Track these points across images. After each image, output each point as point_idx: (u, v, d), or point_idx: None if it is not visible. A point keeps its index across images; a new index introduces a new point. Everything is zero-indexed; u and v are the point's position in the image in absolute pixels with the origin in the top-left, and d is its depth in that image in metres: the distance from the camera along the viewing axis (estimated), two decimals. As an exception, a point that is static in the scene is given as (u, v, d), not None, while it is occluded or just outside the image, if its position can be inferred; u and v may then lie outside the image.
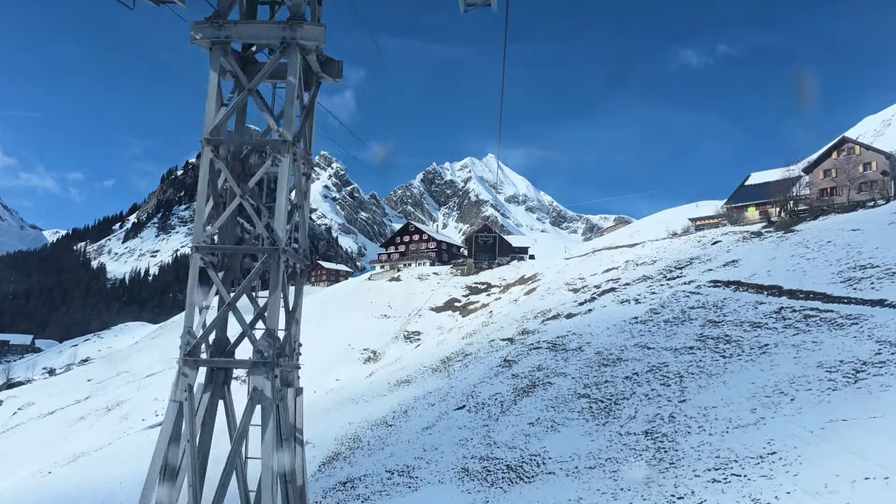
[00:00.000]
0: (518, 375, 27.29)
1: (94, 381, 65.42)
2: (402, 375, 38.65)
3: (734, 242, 33.94)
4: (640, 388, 20.83)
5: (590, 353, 25.93)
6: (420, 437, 25.33)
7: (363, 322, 57.14)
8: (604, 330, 28.10)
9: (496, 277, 64.76)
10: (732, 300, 24.03)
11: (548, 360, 27.48)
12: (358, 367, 47.85)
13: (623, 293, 32.92)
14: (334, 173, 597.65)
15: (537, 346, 30.02)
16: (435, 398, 30.42)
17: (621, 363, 23.29)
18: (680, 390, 19.41)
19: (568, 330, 30.44)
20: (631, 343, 24.76)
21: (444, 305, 58.12)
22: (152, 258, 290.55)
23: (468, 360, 34.75)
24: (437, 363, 37.17)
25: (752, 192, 45.91)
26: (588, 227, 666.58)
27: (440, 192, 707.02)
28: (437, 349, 42.80)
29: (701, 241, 37.27)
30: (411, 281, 67.95)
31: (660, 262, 36.20)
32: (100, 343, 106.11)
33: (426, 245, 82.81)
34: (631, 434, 18.19)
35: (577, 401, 22.12)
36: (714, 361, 20.12)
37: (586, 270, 43.21)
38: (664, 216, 61.04)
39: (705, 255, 33.36)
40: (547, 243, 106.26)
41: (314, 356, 52.21)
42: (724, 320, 22.45)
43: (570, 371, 24.98)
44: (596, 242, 61.79)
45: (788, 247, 28.51)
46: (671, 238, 43.31)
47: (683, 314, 24.98)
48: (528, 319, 37.13)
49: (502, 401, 25.31)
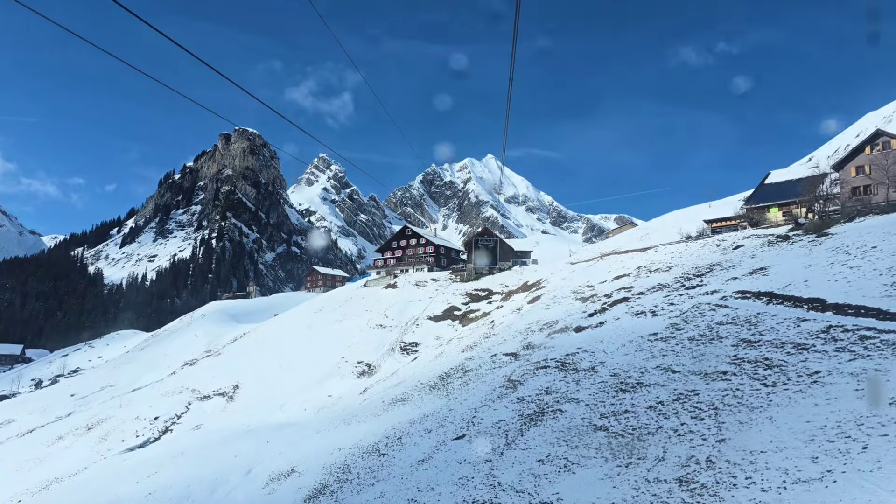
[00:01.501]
0: (524, 399, 24.49)
1: (77, 395, 62.63)
2: (398, 393, 36.09)
3: (759, 247, 31.04)
4: (668, 422, 17.96)
5: (604, 374, 23.12)
6: (415, 473, 22.45)
7: (358, 332, 54.34)
8: (619, 347, 25.30)
9: (497, 284, 61.93)
10: (768, 315, 21.14)
11: (557, 382, 24.70)
12: (352, 382, 45.05)
13: (637, 304, 30.10)
14: (333, 175, 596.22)
15: (544, 365, 27.23)
16: (432, 423, 27.68)
17: (642, 389, 20.46)
18: (716, 426, 16.54)
19: (578, 346, 27.66)
20: (652, 364, 21.91)
21: (442, 314, 55.26)
22: (150, 263, 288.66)
23: (468, 377, 32.09)
24: (435, 380, 34.61)
25: (773, 191, 42.92)
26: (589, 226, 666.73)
27: (440, 194, 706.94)
28: (435, 363, 40.13)
29: (721, 246, 34.36)
30: (408, 288, 65.12)
31: (676, 269, 33.32)
32: (91, 353, 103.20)
33: (424, 249, 79.90)
34: (661, 481, 15.32)
35: (594, 434, 19.24)
36: (755, 391, 17.27)
37: (594, 277, 40.36)
38: (675, 217, 58.16)
39: (727, 262, 30.47)
40: (549, 246, 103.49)
41: (306, 369, 49.51)
42: (762, 340, 19.57)
43: (582, 396, 22.15)
44: (603, 246, 58.89)
45: (824, 253, 25.61)
46: (686, 242, 40.30)
47: (711, 331, 22.12)
48: (533, 332, 34.37)
49: (507, 430, 22.43)
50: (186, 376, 56.02)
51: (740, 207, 46.42)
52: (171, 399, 48.73)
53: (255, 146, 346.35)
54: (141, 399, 50.91)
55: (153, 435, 42.24)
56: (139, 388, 58.10)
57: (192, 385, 51.50)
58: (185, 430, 42.22)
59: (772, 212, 41.72)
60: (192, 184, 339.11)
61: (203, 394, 49.02)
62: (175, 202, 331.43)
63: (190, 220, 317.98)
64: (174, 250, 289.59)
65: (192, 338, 76.57)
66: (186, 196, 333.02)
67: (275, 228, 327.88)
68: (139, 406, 48.54)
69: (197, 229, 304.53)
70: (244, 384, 49.15)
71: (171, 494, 30.16)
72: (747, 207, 44.33)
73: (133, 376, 65.06)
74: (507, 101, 11.90)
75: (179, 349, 72.67)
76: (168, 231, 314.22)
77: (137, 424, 44.61)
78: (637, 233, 59.74)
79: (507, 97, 11.25)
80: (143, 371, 66.88)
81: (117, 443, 42.27)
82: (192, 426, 42.85)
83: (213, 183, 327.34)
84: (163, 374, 61.71)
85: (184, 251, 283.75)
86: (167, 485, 32.26)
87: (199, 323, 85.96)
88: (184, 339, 77.40)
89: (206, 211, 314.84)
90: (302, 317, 65.79)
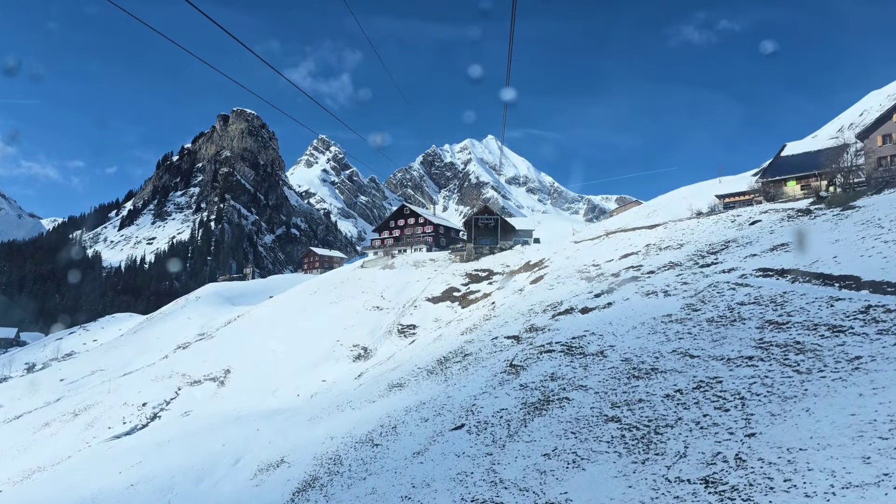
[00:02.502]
0: (527, 386, 22.70)
1: (67, 380, 61.15)
2: (395, 378, 34.51)
3: (777, 222, 29.05)
4: (688, 413, 16.14)
5: (615, 359, 21.30)
6: (409, 467, 20.78)
7: (354, 315, 52.60)
8: (629, 330, 23.47)
9: (499, 264, 60.01)
10: (795, 295, 19.23)
11: (563, 368, 22.90)
12: (347, 366, 43.43)
13: (647, 283, 28.21)
14: (333, 157, 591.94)
15: (549, 349, 25.44)
16: (429, 411, 25.98)
17: (657, 375, 18.64)
18: (744, 419, 14.71)
19: (585, 329, 25.84)
20: (667, 349, 20.08)
21: (441, 295, 53.44)
22: (148, 245, 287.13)
23: (468, 361, 30.42)
24: (433, 364, 33.00)
25: (790, 163, 40.69)
26: (590, 207, 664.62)
27: (440, 175, 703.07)
28: (433, 346, 38.50)
29: (735, 221, 32.35)
30: (406, 268, 63.23)
31: (688, 247, 31.37)
32: (85, 336, 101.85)
33: (422, 229, 77.75)
34: (684, 481, 13.53)
35: (605, 426, 17.45)
36: (786, 379, 15.42)
37: (600, 255, 38.43)
38: (682, 194, 55.97)
39: (744, 238, 28.49)
40: (551, 225, 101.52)
41: (300, 353, 47.81)
42: (790, 322, 17.71)
43: (591, 383, 20.33)
44: (608, 224, 56.84)
45: (853, 227, 23.62)
46: (697, 218, 38.28)
47: (731, 312, 20.26)
48: (537, 314, 32.59)
49: (509, 420, 20.67)
50: (178, 360, 54.52)
51: (755, 181, 44.13)
52: (161, 384, 47.22)
53: (254, 127, 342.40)
54: (130, 384, 49.40)
55: (140, 422, 40.75)
56: (130, 372, 56.60)
57: (183, 369, 49.98)
58: (173, 417, 40.73)
59: (789, 185, 39.51)
60: (190, 165, 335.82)
61: (193, 378, 47.48)
62: (173, 184, 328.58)
63: (188, 203, 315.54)
64: (172, 232, 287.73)
65: (186, 321, 75.01)
66: (185, 178, 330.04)
67: (274, 210, 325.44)
68: (128, 391, 47.05)
69: (195, 211, 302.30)
70: (236, 368, 47.59)
71: (154, 486, 28.66)
72: (762, 181, 42.02)
73: (125, 360, 63.57)
74: (507, 78, 11.68)
75: (172, 332, 71.12)
76: (166, 213, 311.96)
77: (125, 411, 43.12)
78: (643, 210, 57.57)
79: (507, 74, 11.08)
80: (135, 355, 65.38)
81: (103, 430, 40.78)
82: (180, 412, 41.36)
83: (212, 164, 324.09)
84: (154, 358, 60.23)
85: (182, 233, 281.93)
86: (151, 475, 30.77)
87: (194, 306, 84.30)
88: (177, 322, 75.85)
89: (205, 193, 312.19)
90: (296, 299, 64.11)
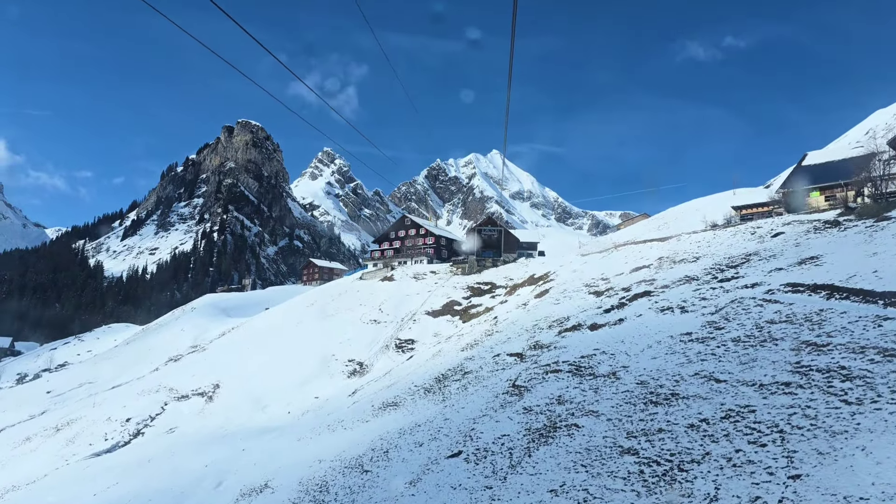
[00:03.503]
0: (532, 410, 20.62)
1: (54, 392, 59.19)
2: (390, 396, 32.47)
3: (803, 234, 27.06)
4: (717, 447, 14.06)
5: (629, 382, 19.23)
6: (400, 500, 18.72)
7: (350, 328, 50.61)
8: (644, 349, 21.43)
9: (501, 277, 58.03)
10: (834, 313, 17.22)
11: (571, 390, 20.83)
12: (341, 382, 41.37)
13: (662, 298, 26.20)
14: (337, 170, 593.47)
15: (555, 368, 23.39)
16: (424, 434, 23.88)
17: (679, 402, 16.57)
18: (785, 457, 12.62)
19: (595, 347, 23.79)
20: (688, 371, 18.03)
21: (442, 309, 51.42)
22: (150, 256, 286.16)
23: (468, 380, 28.42)
24: (431, 382, 31.01)
25: (812, 173, 38.79)
26: (594, 223, 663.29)
27: (444, 189, 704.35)
28: (432, 362, 36.47)
29: (756, 233, 30.35)
30: (406, 280, 61.30)
31: (705, 260, 29.37)
32: (80, 346, 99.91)
33: (423, 241, 75.84)
34: (717, 532, 11.55)
35: (620, 459, 15.38)
36: (833, 410, 13.35)
37: (609, 269, 36.44)
38: (694, 206, 54.03)
39: (766, 251, 26.49)
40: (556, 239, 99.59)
41: (293, 367, 45.67)
42: (831, 343, 15.67)
43: (603, 408, 18.25)
44: (616, 237, 54.88)
45: (891, 239, 21.65)
46: (713, 230, 36.29)
47: (760, 331, 18.22)
48: (542, 330, 30.57)
49: (511, 448, 18.60)
50: (167, 373, 52.55)
51: (775, 192, 42.19)
52: (147, 399, 45.19)
53: (258, 139, 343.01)
54: (116, 398, 47.42)
55: (123, 438, 38.70)
56: (119, 385, 54.61)
57: (171, 383, 47.95)
58: (157, 434, 38.68)
59: (812, 196, 37.52)
60: (194, 176, 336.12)
61: (181, 393, 45.43)
62: (177, 195, 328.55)
63: (192, 213, 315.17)
64: (175, 243, 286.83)
65: (179, 332, 73.07)
66: (189, 189, 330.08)
67: (277, 222, 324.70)
68: (112, 406, 45.03)
69: (199, 222, 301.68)
70: (226, 383, 45.54)
71: (129, 511, 26.62)
72: (783, 191, 40.08)
73: (115, 372, 61.61)
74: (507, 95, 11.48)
75: (165, 344, 69.15)
76: (170, 224, 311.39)
77: (108, 426, 41.08)
78: (653, 223, 55.54)
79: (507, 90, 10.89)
80: (126, 367, 63.41)
81: (84, 446, 38.75)
82: (165, 429, 39.29)
83: (216, 175, 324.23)
84: (145, 371, 58.28)
85: (185, 244, 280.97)
86: (128, 497, 28.71)
87: (188, 317, 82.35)
88: (170, 334, 73.89)
89: (208, 204, 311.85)
90: (292, 311, 62.17)
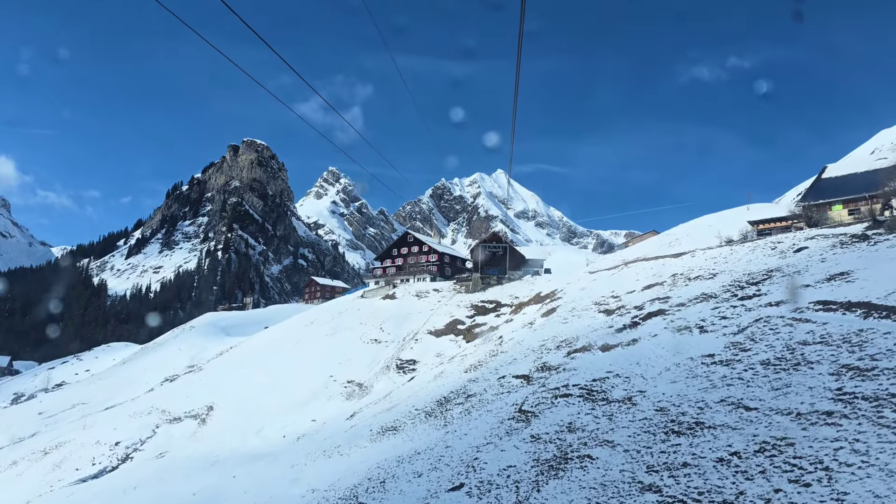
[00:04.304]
0: (540, 438, 18.91)
1: (45, 413, 57.58)
2: (389, 420, 30.74)
3: (829, 249, 25.50)
4: (753, 486, 12.32)
5: (647, 408, 17.55)
6: (394, 539, 17.09)
7: (350, 347, 48.99)
8: (662, 371, 19.78)
9: (507, 295, 56.41)
10: (875, 333, 15.61)
11: (583, 416, 19.13)
12: (339, 405, 39.66)
13: (678, 317, 24.59)
14: (342, 189, 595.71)
15: (565, 393, 21.70)
16: (424, 463, 22.13)
17: (704, 432, 14.86)
18: (836, 500, 10.94)
19: (607, 369, 22.13)
20: (713, 397, 16.36)
21: (444, 328, 49.79)
22: (154, 274, 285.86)
23: (471, 403, 26.74)
24: (433, 405, 29.33)
25: (834, 186, 37.40)
26: (599, 242, 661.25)
27: (449, 208, 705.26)
28: (433, 384, 34.80)
29: (777, 248, 28.78)
30: (408, 299, 59.75)
31: (722, 276, 27.78)
32: (78, 366, 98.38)
33: (426, 258, 74.31)
34: (761, 591, 9.85)
35: (641, 497, 13.62)
36: (887, 445, 11.70)
37: (620, 286, 34.85)
38: (706, 222, 52.47)
39: (789, 267, 24.90)
40: (562, 257, 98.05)
41: (290, 389, 43.93)
42: (877, 368, 14.05)
43: (619, 438, 16.53)
44: (625, 254, 53.32)
45: (928, 253, 20.10)
46: (729, 245, 34.72)
47: (792, 353, 16.59)
48: (549, 350, 28.93)
49: (518, 481, 16.86)
50: (161, 395, 50.97)
51: (794, 206, 40.77)
52: (138, 421, 43.57)
53: (263, 158, 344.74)
54: (107, 420, 45.83)
55: (111, 463, 37.04)
56: (112, 406, 53.04)
57: (164, 405, 46.32)
58: (146, 458, 37.00)
59: (835, 209, 36.05)
60: (199, 195, 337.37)
61: (173, 415, 43.79)
62: (182, 213, 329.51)
63: (196, 232, 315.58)
64: (179, 262, 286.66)
65: (177, 351, 71.57)
66: (193, 207, 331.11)
67: (282, 241, 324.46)
68: (103, 428, 43.45)
69: (203, 241, 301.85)
70: (220, 405, 43.88)
71: (106, 544, 24.86)
72: (804, 205, 38.56)
73: (109, 393, 60.06)
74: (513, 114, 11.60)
75: (162, 364, 67.63)
76: (174, 242, 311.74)
77: (96, 450, 39.45)
78: (663, 239, 53.92)
79: (513, 110, 11.13)
80: (121, 387, 61.84)
81: (71, 471, 37.08)
82: (155, 454, 37.63)
83: (221, 194, 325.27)
84: (140, 391, 56.71)
85: (189, 262, 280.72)
86: (109, 529, 26.93)
87: (186, 336, 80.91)
88: (168, 353, 72.40)
89: (213, 222, 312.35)
90: (291, 330, 60.66)
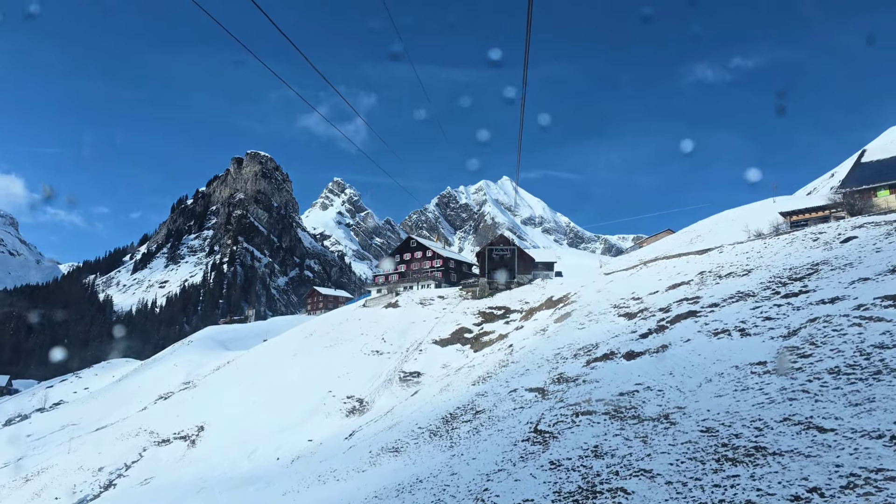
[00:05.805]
0: (560, 465, 15.89)
1: (34, 436, 55.02)
2: (390, 439, 27.90)
3: (882, 238, 22.53)
4: (849, 536, 9.52)
5: (689, 428, 14.57)
6: None
7: (350, 360, 46.21)
8: (702, 383, 16.86)
9: (516, 300, 53.50)
10: (975, 332, 12.61)
11: (611, 438, 16.14)
12: (338, 422, 36.83)
13: (712, 319, 21.65)
14: (348, 199, 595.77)
15: (587, 409, 18.78)
16: (426, 494, 19.19)
17: (769, 460, 11.89)
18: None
19: (636, 381, 19.21)
20: (772, 415, 13.41)
21: (450, 337, 46.94)
22: (160, 289, 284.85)
23: (480, 421, 23.88)
24: (438, 423, 26.54)
25: (876, 170, 34.43)
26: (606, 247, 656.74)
27: (455, 216, 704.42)
28: (439, 399, 31.97)
29: (819, 239, 25.84)
30: (412, 307, 56.95)
31: (758, 272, 24.83)
32: (77, 384, 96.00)
33: (431, 263, 71.46)
34: None
35: (697, 549, 10.82)
36: None
37: (640, 287, 31.92)
38: (730, 216, 49.33)
39: (838, 259, 21.95)
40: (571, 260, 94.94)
41: (286, 406, 41.03)
42: None
43: (659, 467, 13.47)
44: (641, 253, 50.28)
45: None
46: (762, 239, 31.68)
47: (868, 359, 13.67)
48: (565, 359, 26.02)
49: (537, 521, 14.04)
50: (152, 414, 48.38)
51: (834, 193, 37.73)
52: (125, 444, 40.97)
53: (267, 169, 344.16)
54: (94, 443, 43.29)
55: (92, 491, 34.37)
56: (103, 426, 50.50)
57: (153, 426, 43.68)
58: (130, 485, 34.30)
59: (881, 195, 32.99)
60: (204, 208, 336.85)
61: (162, 437, 41.12)
62: (187, 227, 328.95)
63: (202, 245, 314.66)
64: (185, 276, 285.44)
65: (173, 367, 68.99)
66: (199, 221, 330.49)
67: (287, 252, 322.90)
68: (88, 452, 40.90)
69: (208, 254, 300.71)
70: (211, 424, 41.17)
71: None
72: (844, 191, 35.52)
73: (103, 412, 57.58)
74: (521, 119, 11.39)
75: (157, 381, 65.04)
76: (180, 256, 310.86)
77: (79, 476, 36.83)
78: (682, 237, 50.62)
79: (520, 115, 11.04)
80: (114, 406, 59.33)
81: (50, 501, 34.34)
82: (140, 480, 34.91)
83: (225, 207, 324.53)
84: (133, 410, 54.12)
85: (195, 276, 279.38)
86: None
87: (184, 351, 78.38)
88: (164, 370, 69.82)
89: (218, 235, 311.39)
90: (290, 343, 57.89)
